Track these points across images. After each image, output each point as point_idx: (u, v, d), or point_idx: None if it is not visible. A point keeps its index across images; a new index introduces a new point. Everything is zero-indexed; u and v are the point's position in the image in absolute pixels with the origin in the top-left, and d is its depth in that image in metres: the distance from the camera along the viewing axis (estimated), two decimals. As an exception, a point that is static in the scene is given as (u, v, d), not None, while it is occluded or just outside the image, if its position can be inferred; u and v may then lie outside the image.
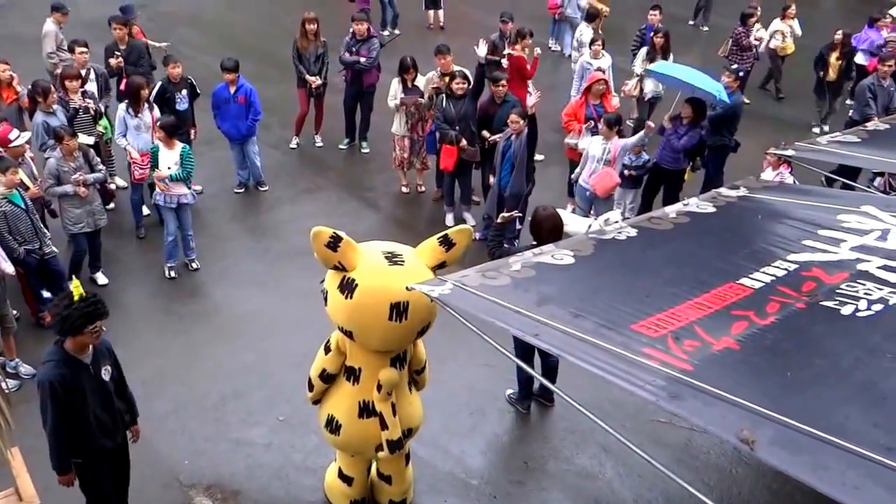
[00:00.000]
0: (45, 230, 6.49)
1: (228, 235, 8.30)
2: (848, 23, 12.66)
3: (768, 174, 7.32)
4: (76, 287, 3.95)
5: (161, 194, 7.25)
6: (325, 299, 4.23)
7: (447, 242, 4.17)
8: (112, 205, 8.31)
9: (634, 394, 2.78)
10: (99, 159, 7.20)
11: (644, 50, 10.40)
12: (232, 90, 8.56)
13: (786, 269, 3.88)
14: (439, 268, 4.18)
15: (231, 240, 8.21)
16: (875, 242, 4.15)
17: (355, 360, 4.37)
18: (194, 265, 7.57)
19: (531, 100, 7.46)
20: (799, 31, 12.04)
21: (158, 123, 7.37)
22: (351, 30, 9.58)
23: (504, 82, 8.16)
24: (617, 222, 6.56)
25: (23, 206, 6.19)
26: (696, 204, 4.74)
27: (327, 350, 4.47)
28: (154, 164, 7.23)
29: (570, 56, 12.51)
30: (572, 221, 7.47)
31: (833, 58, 11.21)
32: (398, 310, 3.95)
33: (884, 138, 5.83)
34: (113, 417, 4.28)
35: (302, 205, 8.88)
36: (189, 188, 7.33)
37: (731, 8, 13.83)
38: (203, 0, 16.80)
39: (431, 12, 15.22)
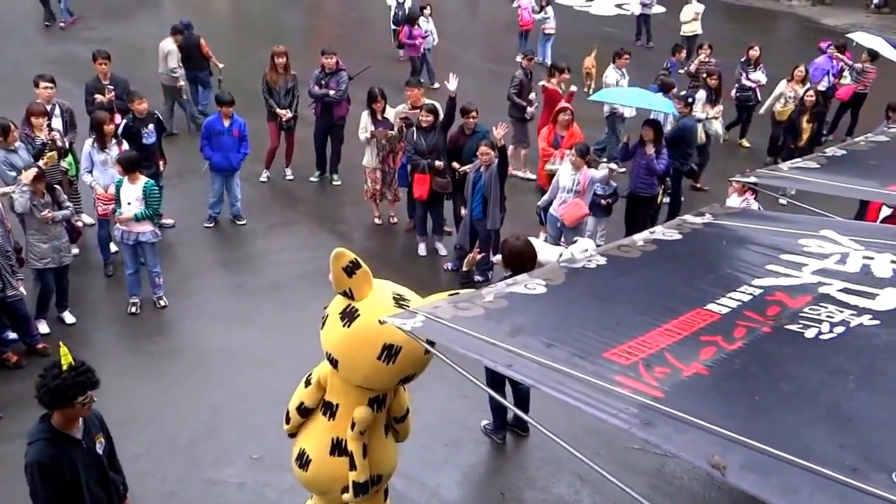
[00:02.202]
0: (14, 270, 6.37)
1: (199, 270, 8.24)
2: (796, 57, 12.84)
3: (734, 200, 7.51)
4: (65, 355, 3.65)
5: (119, 230, 7.18)
6: (323, 323, 4.22)
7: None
8: (76, 250, 7.98)
9: (608, 422, 2.81)
10: (66, 196, 7.13)
11: (703, 93, 10.11)
12: (226, 123, 8.60)
13: (751, 294, 3.96)
14: None
15: (202, 275, 8.15)
16: (835, 266, 4.25)
17: (334, 395, 4.35)
18: (161, 302, 7.48)
19: (498, 132, 7.57)
20: (800, 93, 10.62)
21: (116, 158, 7.30)
22: (320, 63, 9.67)
23: (474, 113, 8.28)
24: (587, 250, 6.70)
25: None
26: (662, 231, 4.82)
27: (307, 383, 4.44)
28: (117, 198, 7.14)
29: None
30: (544, 250, 7.57)
31: (804, 121, 10.09)
32: (389, 352, 3.95)
33: (841, 164, 5.99)
34: (108, 492, 4.00)
35: (274, 239, 8.86)
36: (154, 225, 7.25)
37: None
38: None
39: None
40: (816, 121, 10.34)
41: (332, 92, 9.53)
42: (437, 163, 8.01)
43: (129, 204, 7.06)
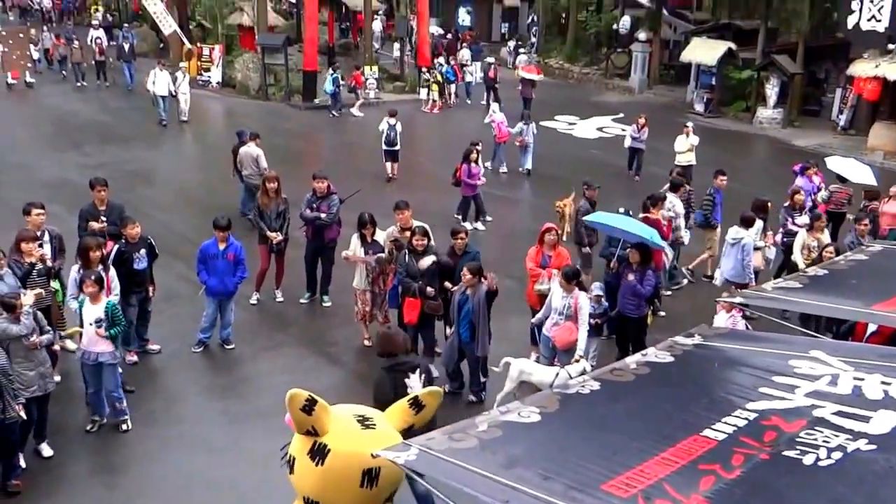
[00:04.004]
0: (15, 394, 6.21)
1: (185, 396, 8.08)
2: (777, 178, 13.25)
3: (721, 318, 7.58)
4: None
5: (80, 350, 7.07)
6: (291, 466, 4.10)
7: (417, 405, 4.16)
8: (58, 377, 7.62)
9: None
10: (46, 321, 7.04)
11: (804, 231, 9.98)
12: (222, 247, 8.67)
13: (746, 419, 3.94)
14: (408, 430, 4.13)
15: (187, 401, 7.99)
16: (827, 388, 4.26)
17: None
18: (124, 426, 7.28)
19: (490, 280, 7.67)
20: (823, 241, 10.03)
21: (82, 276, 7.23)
22: (312, 187, 9.91)
23: (462, 234, 8.41)
24: (584, 371, 6.68)
25: None
26: (654, 353, 4.84)
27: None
28: (80, 319, 7.04)
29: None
30: (538, 370, 7.55)
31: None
32: (370, 476, 3.87)
33: (823, 283, 6.12)
34: None
35: (262, 362, 8.76)
36: (116, 346, 7.18)
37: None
38: (162, 158, 17.33)
39: (389, 164, 15.99)
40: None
41: (323, 215, 9.72)
42: (429, 289, 8.09)
43: (90, 325, 7.01)
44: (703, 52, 24.07)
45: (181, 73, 20.34)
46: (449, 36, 32.10)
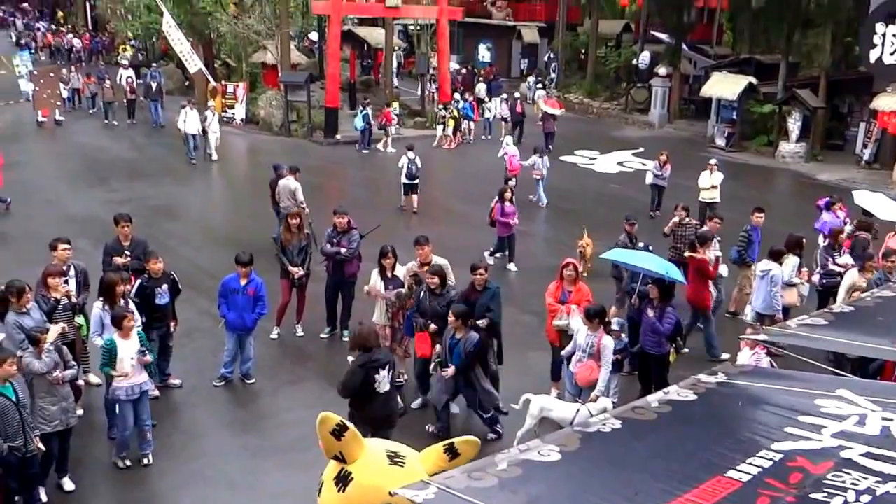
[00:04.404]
0: (33, 427, 6.28)
1: (205, 431, 8.09)
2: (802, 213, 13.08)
3: (745, 355, 7.48)
4: None
5: (122, 388, 7.11)
6: (319, 489, 4.10)
7: (452, 451, 4.13)
8: (80, 411, 7.70)
9: None
10: (71, 356, 7.12)
11: (855, 271, 9.55)
12: (243, 282, 8.75)
13: (771, 460, 3.85)
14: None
15: (206, 436, 7.99)
16: (854, 428, 4.17)
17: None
18: (146, 460, 7.31)
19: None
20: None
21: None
22: (333, 222, 10.01)
23: (481, 271, 8.41)
24: (605, 410, 6.60)
25: (13, 399, 6.04)
26: (676, 392, 4.77)
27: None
28: (108, 361, 7.06)
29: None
30: (558, 407, 7.47)
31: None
32: None
33: (850, 320, 6.01)
34: None
35: (282, 398, 8.77)
36: (151, 373, 7.32)
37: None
38: (188, 194, 17.58)
39: (409, 197, 16.23)
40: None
41: (343, 250, 9.79)
42: (431, 326, 8.10)
43: (132, 358, 7.09)
44: (724, 86, 24.13)
45: (210, 111, 20.73)
46: (464, 71, 32.44)
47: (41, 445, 6.27)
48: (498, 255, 13.15)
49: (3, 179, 17.14)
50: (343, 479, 3.98)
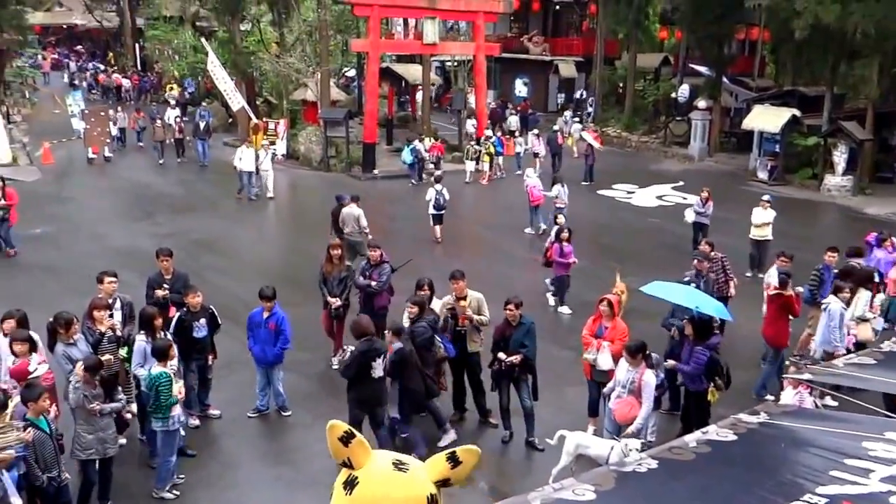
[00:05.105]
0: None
1: (240, 462, 8.14)
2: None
3: (788, 394, 7.27)
4: None
5: (174, 416, 7.25)
6: (332, 495, 4.14)
7: (454, 460, 4.12)
8: (123, 440, 7.91)
9: None
10: (120, 389, 7.26)
11: (868, 294, 9.72)
12: (265, 316, 8.84)
13: (816, 504, 3.73)
14: (444, 484, 4.08)
15: (241, 467, 8.04)
16: (905, 472, 4.02)
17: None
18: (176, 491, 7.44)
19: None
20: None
21: (151, 350, 7.54)
22: (367, 255, 10.10)
23: (511, 307, 8.32)
24: (637, 449, 6.45)
25: (47, 431, 6.19)
26: (715, 432, 4.67)
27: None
28: (167, 395, 7.22)
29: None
30: (594, 444, 7.34)
31: None
32: None
33: (898, 359, 5.83)
34: None
35: (318, 429, 8.66)
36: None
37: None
38: (230, 228, 17.89)
39: (438, 227, 16.38)
40: None
41: (373, 283, 9.87)
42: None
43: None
44: (766, 118, 23.85)
45: (263, 151, 21.09)
46: (493, 105, 32.38)
47: (67, 475, 6.42)
48: (554, 296, 12.68)
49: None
50: (350, 483, 4.03)
